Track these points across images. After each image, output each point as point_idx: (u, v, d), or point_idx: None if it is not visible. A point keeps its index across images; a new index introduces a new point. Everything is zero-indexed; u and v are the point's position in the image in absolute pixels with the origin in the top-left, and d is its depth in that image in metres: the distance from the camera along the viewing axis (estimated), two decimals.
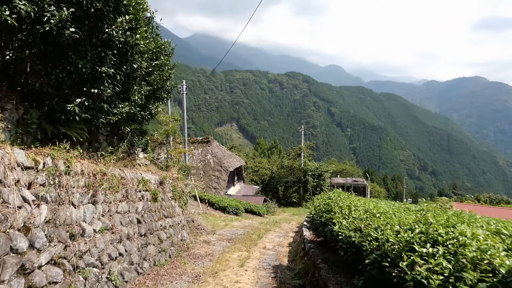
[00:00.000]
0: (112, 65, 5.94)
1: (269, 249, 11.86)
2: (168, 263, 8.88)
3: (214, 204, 22.75)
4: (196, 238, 12.40)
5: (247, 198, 30.75)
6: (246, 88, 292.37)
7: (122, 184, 7.61)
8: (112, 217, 6.81)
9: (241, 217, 21.94)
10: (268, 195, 43.03)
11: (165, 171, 12.23)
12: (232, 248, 11.43)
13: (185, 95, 19.96)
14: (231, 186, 35.72)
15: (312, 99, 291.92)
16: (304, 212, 33.14)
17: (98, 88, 5.83)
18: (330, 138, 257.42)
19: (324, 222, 6.62)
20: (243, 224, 18.17)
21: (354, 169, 62.43)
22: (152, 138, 13.34)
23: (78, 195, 5.83)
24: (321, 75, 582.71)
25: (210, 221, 18.09)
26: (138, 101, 7.56)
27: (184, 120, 20.24)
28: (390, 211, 5.59)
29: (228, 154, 36.43)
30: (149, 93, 8.22)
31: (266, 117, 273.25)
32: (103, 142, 8.15)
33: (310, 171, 42.42)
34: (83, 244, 5.58)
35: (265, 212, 26.03)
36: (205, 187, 28.24)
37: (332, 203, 6.88)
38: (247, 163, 47.06)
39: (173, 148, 14.33)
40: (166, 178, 10.47)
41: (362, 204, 6.42)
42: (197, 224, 14.93)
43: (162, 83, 8.43)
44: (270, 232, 16.19)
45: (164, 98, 9.08)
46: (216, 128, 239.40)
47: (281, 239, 14.44)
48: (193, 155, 34.05)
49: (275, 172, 45.10)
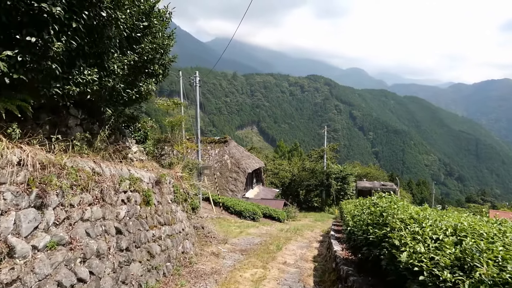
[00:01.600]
0: (64, 4, 4.06)
1: (290, 265, 9.77)
2: (161, 284, 6.93)
3: (229, 208, 20.80)
4: (203, 249, 10.42)
5: (266, 201, 28.68)
6: (267, 91, 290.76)
7: (96, 181, 5.71)
8: (73, 227, 4.90)
9: (259, 222, 19.89)
10: (288, 198, 40.83)
11: (168, 169, 10.35)
12: (245, 263, 9.40)
13: (198, 87, 18.10)
14: (249, 189, 33.72)
15: (333, 102, 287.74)
16: (327, 218, 30.79)
17: (39, 37, 3.95)
18: (351, 142, 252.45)
19: (373, 241, 4.52)
20: (260, 231, 16.12)
21: (379, 173, 59.24)
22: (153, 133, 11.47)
23: (9, 195, 3.94)
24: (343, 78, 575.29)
25: (224, 227, 16.14)
26: (119, 73, 5.67)
27: (197, 114, 18.37)
28: (483, 229, 3.49)
29: (246, 155, 34.47)
30: (137, 65, 6.33)
31: (286, 120, 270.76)
32: (76, 128, 6.28)
33: (333, 174, 39.93)
34: (8, 271, 3.67)
35: (285, 218, 23.90)
36: (219, 189, 26.34)
37: (386, 212, 4.74)
38: (266, 165, 44.94)
39: (179, 142, 12.47)
40: (164, 177, 8.55)
41: (433, 216, 4.28)
42: (207, 232, 12.98)
43: (154, 53, 6.54)
44: (291, 242, 14.06)
45: (159, 75, 7.18)
46: (236, 131, 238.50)
47: (304, 250, 12.31)
48: (209, 155, 32.28)
49: (296, 174, 42.82)
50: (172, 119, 12.14)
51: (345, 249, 7.95)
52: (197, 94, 18.10)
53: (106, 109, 6.80)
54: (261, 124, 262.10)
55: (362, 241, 5.02)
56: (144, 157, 9.20)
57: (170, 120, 12.18)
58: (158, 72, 7.09)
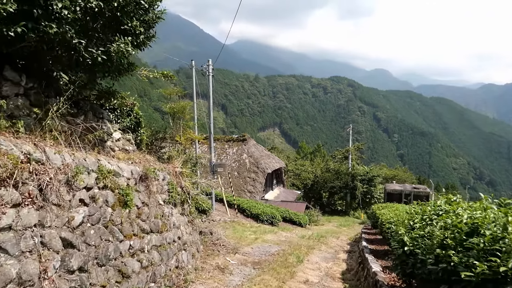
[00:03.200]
0: None
1: (313, 285, 7.78)
2: None
3: (245, 211, 18.90)
4: (207, 262, 8.56)
5: (287, 204, 26.65)
6: (289, 93, 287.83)
7: (31, 172, 3.94)
8: None
9: (277, 227, 17.91)
10: (310, 201, 38.61)
11: (167, 164, 8.56)
12: (256, 281, 7.48)
13: (211, 76, 16.37)
14: (269, 190, 31.75)
15: (357, 104, 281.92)
16: (352, 223, 28.43)
17: None
18: (375, 144, 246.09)
19: (452, 270, 2.51)
20: (278, 238, 14.17)
21: (407, 175, 55.89)
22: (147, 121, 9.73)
23: None
24: (367, 79, 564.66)
25: (238, 232, 14.26)
26: (68, 16, 3.90)
27: (210, 106, 16.60)
28: None
29: (266, 154, 32.53)
30: (103, 13, 4.55)
31: (309, 122, 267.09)
32: (16, 99, 4.55)
33: (359, 175, 37.43)
34: None
35: (306, 222, 21.82)
36: (236, 190, 24.55)
37: (484, 228, 2.73)
38: (287, 165, 42.78)
39: (181, 132, 10.68)
40: (153, 171, 6.74)
41: None
42: (216, 238, 11.16)
43: (130, 1, 4.75)
44: (313, 252, 12.05)
45: (139, 35, 5.40)
46: (258, 132, 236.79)
47: (330, 264, 10.28)
48: (227, 154, 30.56)
49: (319, 176, 40.47)
50: (174, 105, 10.36)
51: (388, 270, 5.92)
52: (209, 83, 16.36)
53: (60, 74, 5.04)
54: (283, 126, 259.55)
55: (436, 273, 3.02)
56: (132, 147, 7.43)
57: (171, 106, 10.39)
58: (137, 30, 5.31)
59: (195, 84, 17.99)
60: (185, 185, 8.37)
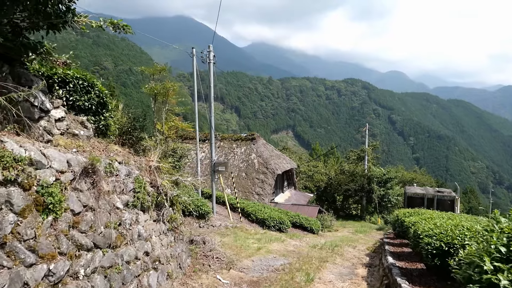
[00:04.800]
0: None
1: None
2: None
3: (250, 215, 16.98)
4: (187, 283, 6.68)
5: (298, 208, 24.64)
6: (303, 95, 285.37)
7: None
8: None
9: (286, 234, 15.93)
10: (323, 205, 36.48)
11: (143, 157, 6.76)
12: None
13: (212, 64, 14.56)
14: (279, 193, 29.75)
15: (371, 106, 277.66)
16: (369, 229, 26.14)
17: None
18: (390, 147, 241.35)
19: None
20: (285, 248, 12.21)
21: (426, 178, 52.94)
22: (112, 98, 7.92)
23: None
24: (381, 81, 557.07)
25: (239, 240, 12.35)
26: None
27: (211, 98, 14.76)
28: None
29: (276, 155, 30.56)
30: None
31: (322, 124, 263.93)
32: None
33: (375, 177, 35.07)
34: None
35: (319, 228, 19.75)
36: (243, 192, 22.69)
37: None
38: (299, 166, 40.66)
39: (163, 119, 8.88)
40: (97, 162, 4.91)
41: None
42: (209, 249, 9.27)
43: None
44: (327, 266, 10.05)
45: None
46: (272, 135, 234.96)
47: (347, 283, 8.28)
48: (234, 154, 28.73)
49: (333, 178, 38.21)
50: (155, 86, 8.49)
51: None
52: (210, 72, 14.55)
53: None
54: (296, 128, 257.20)
55: None
56: (87, 132, 5.62)
57: (151, 86, 8.55)
58: None
59: (195, 75, 16.22)
60: (162, 184, 6.53)
